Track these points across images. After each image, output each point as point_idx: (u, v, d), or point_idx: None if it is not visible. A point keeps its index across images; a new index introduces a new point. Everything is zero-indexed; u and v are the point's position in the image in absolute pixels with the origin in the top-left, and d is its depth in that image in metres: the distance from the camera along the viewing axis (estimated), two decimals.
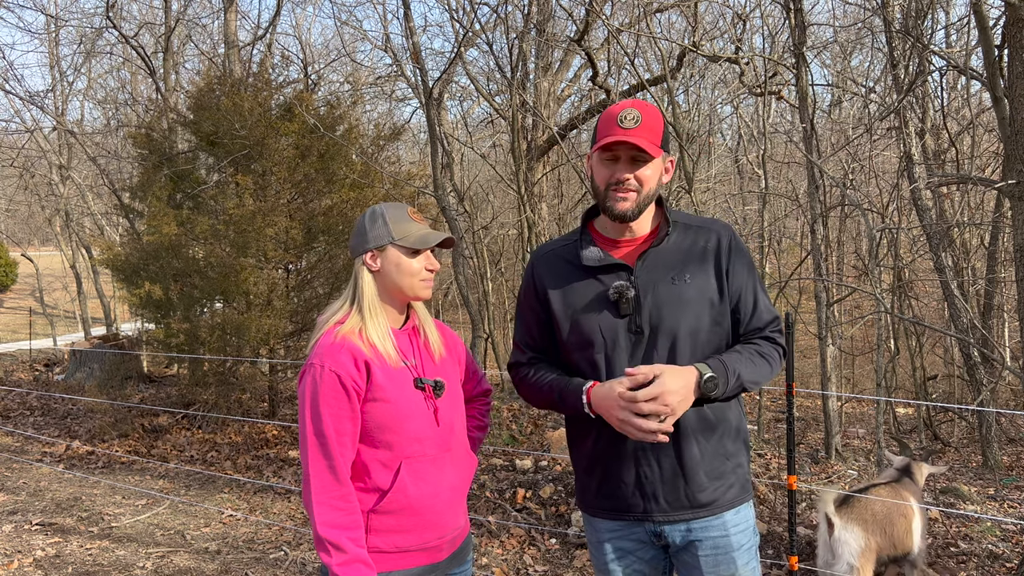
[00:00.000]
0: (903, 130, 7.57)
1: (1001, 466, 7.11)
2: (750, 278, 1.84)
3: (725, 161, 17.80)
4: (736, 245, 1.83)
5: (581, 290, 1.84)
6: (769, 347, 1.83)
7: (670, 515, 1.80)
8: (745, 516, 1.86)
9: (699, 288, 1.78)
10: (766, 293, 1.90)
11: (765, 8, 10.22)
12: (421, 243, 1.78)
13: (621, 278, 1.80)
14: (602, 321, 1.80)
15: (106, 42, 16.22)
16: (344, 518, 1.67)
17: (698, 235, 1.84)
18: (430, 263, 1.81)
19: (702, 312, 1.77)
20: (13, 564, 4.31)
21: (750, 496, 1.89)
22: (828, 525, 3.42)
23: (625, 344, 1.78)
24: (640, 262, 1.80)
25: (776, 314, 1.88)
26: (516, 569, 4.18)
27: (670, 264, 1.80)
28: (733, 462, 1.84)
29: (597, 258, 1.83)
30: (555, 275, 1.89)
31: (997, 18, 6.22)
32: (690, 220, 1.87)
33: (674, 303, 1.77)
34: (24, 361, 13.41)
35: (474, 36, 10.40)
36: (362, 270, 1.79)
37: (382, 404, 1.72)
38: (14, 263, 28.89)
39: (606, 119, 1.77)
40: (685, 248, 1.82)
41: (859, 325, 12.24)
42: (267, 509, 5.39)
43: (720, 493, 1.81)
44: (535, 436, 6.64)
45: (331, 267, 7.42)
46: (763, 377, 1.80)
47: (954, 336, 7.86)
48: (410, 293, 1.81)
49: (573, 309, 1.84)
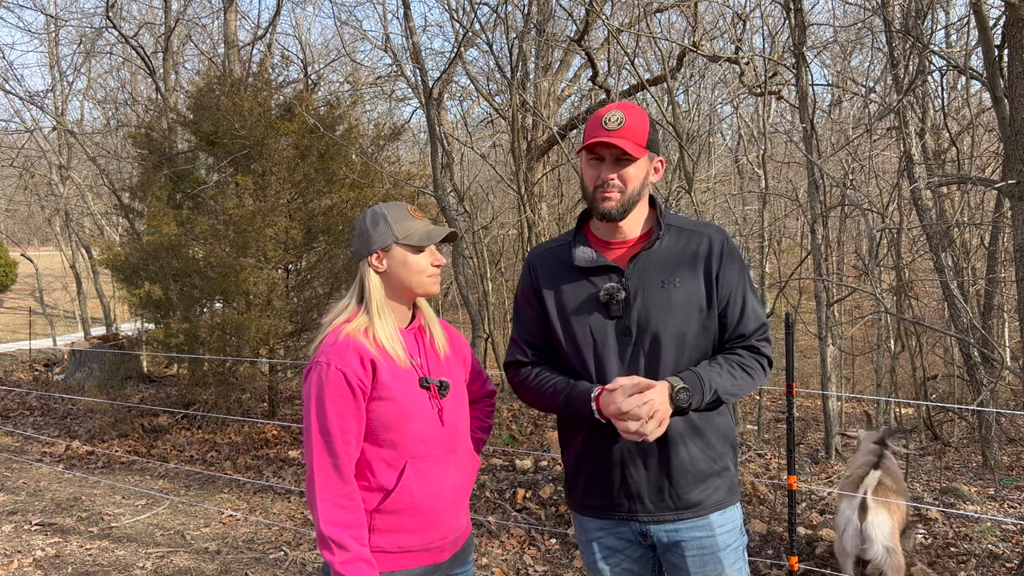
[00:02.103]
0: (903, 130, 7.57)
1: (1001, 466, 7.11)
2: (740, 283, 1.84)
3: (725, 161, 17.80)
4: (728, 250, 1.83)
5: (573, 290, 1.86)
6: (752, 358, 1.83)
7: (655, 515, 1.82)
8: (731, 517, 1.87)
9: (687, 292, 1.80)
10: (758, 299, 1.90)
11: (765, 8, 10.23)
12: (426, 239, 1.79)
13: (612, 280, 1.82)
14: (592, 322, 1.82)
15: (106, 42, 16.22)
16: (347, 516, 1.67)
17: (690, 239, 1.85)
18: (436, 258, 1.82)
19: (690, 316, 1.79)
20: (13, 564, 4.31)
21: (737, 499, 1.90)
22: (861, 511, 3.42)
23: (614, 345, 1.81)
24: (632, 264, 1.82)
25: (764, 321, 1.88)
26: (516, 569, 4.18)
27: (661, 267, 1.81)
28: (719, 465, 1.85)
29: (589, 259, 1.85)
30: (550, 274, 1.91)
31: (997, 18, 6.22)
32: (683, 223, 1.89)
33: (662, 306, 1.78)
34: (24, 361, 13.41)
35: (474, 36, 10.40)
36: (368, 272, 1.79)
37: (387, 403, 1.73)
38: (14, 263, 28.89)
39: (592, 121, 1.81)
40: (677, 252, 1.83)
41: (859, 325, 12.25)
42: (267, 509, 5.39)
43: (706, 495, 1.82)
44: (535, 436, 6.64)
45: (331, 267, 7.42)
46: (742, 390, 1.81)
47: (954, 336, 7.86)
48: (419, 290, 1.81)
49: (565, 309, 1.86)
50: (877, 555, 3.38)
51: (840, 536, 3.51)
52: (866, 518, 3.40)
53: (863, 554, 3.44)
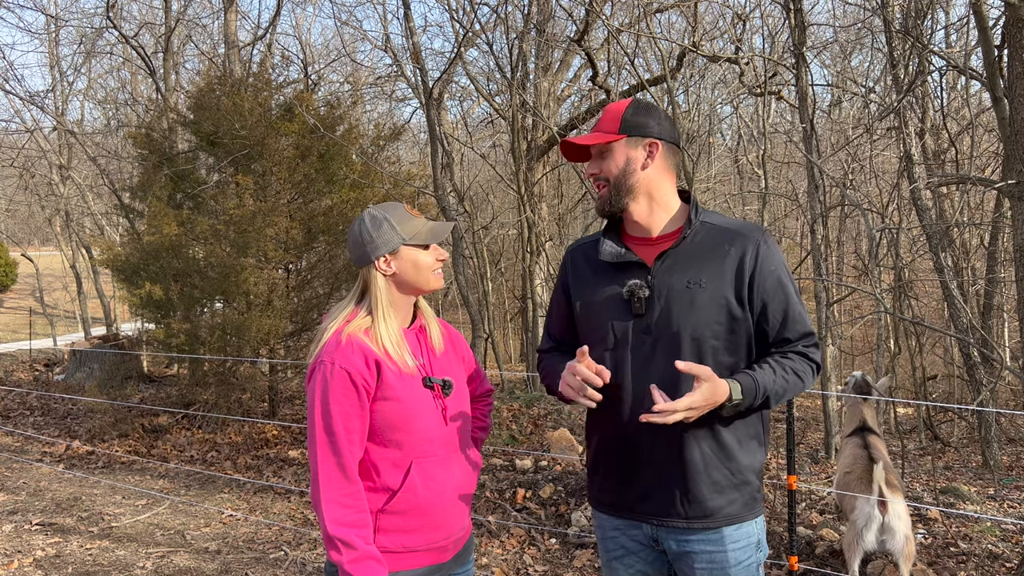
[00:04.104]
0: (903, 130, 7.58)
1: (1001, 466, 7.11)
2: (781, 287, 1.74)
3: (725, 161, 17.81)
4: (765, 251, 1.74)
5: (598, 286, 1.83)
6: (804, 364, 1.76)
7: (665, 521, 1.78)
8: (747, 532, 1.78)
9: (713, 293, 1.71)
10: (802, 304, 1.79)
11: (765, 8, 10.24)
12: (433, 237, 1.80)
13: (638, 276, 1.77)
14: (614, 318, 1.78)
15: (106, 42, 16.23)
16: (354, 515, 1.67)
17: (723, 237, 1.76)
18: (439, 254, 1.82)
19: (712, 318, 1.71)
20: (13, 564, 4.31)
21: (756, 514, 1.80)
22: (881, 505, 3.44)
23: (634, 343, 1.75)
24: (659, 262, 1.75)
25: (811, 328, 1.79)
26: (516, 569, 4.18)
27: (688, 266, 1.74)
28: (739, 478, 1.76)
29: (615, 254, 1.80)
30: (579, 270, 1.90)
31: (997, 18, 6.23)
32: (719, 221, 1.80)
33: (684, 306, 1.71)
34: (24, 361, 13.41)
35: (474, 36, 10.41)
36: (375, 275, 1.77)
37: (392, 403, 1.72)
38: (14, 263, 28.88)
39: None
40: (707, 250, 1.75)
41: (859, 325, 12.25)
42: (267, 509, 5.39)
43: (717, 507, 1.75)
44: (535, 436, 6.64)
45: (331, 267, 7.42)
46: (790, 395, 1.74)
47: (954, 336, 7.86)
48: (426, 287, 1.82)
49: (589, 304, 1.84)
50: (898, 545, 3.41)
51: (860, 533, 3.50)
52: (887, 511, 3.43)
53: (882, 546, 3.46)
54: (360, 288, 1.82)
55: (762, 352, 1.78)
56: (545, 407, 7.40)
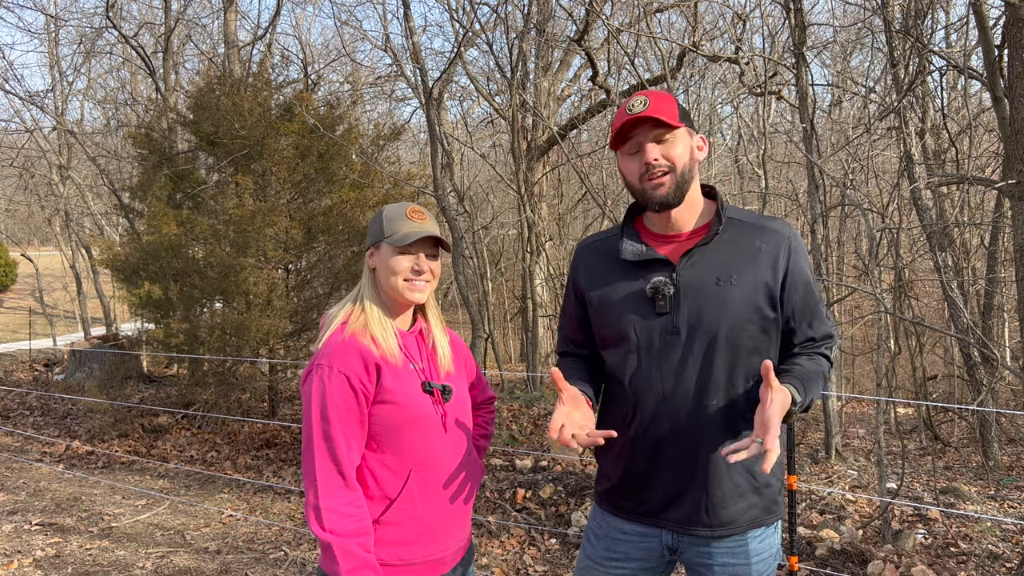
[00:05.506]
0: (903, 130, 7.57)
1: (1001, 466, 7.11)
2: (810, 285, 1.70)
3: (725, 161, 17.79)
4: (796, 247, 1.68)
5: (617, 285, 1.73)
6: (826, 364, 1.72)
7: (688, 529, 1.71)
8: (769, 545, 1.74)
9: (746, 292, 1.64)
10: (822, 303, 1.76)
11: (765, 8, 10.24)
12: (401, 240, 1.71)
13: (662, 274, 1.68)
14: (636, 319, 1.69)
15: (106, 42, 16.23)
16: (352, 524, 1.60)
17: (754, 234, 1.69)
18: (417, 265, 1.73)
19: (746, 317, 1.64)
20: (13, 564, 4.31)
21: (776, 518, 1.75)
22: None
23: (660, 345, 1.67)
24: (685, 259, 1.67)
25: (833, 329, 1.76)
26: (516, 569, 4.18)
27: (718, 264, 1.66)
28: (761, 480, 1.70)
29: (637, 252, 1.71)
30: (593, 269, 1.81)
31: (997, 18, 6.23)
32: (747, 217, 1.73)
33: (716, 305, 1.63)
34: (24, 361, 13.41)
35: (474, 36, 10.41)
36: (365, 265, 1.80)
37: (390, 407, 1.67)
38: (14, 263, 28.88)
39: (618, 114, 1.70)
40: (738, 247, 1.68)
41: (859, 325, 12.25)
42: (267, 509, 5.39)
43: (740, 511, 1.69)
44: (535, 436, 6.64)
45: (331, 267, 7.42)
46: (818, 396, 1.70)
47: (954, 336, 7.86)
48: (396, 295, 1.74)
49: (608, 304, 1.74)
50: None
51: None
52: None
53: None
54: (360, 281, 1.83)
55: (785, 350, 1.73)
56: (545, 407, 7.40)
